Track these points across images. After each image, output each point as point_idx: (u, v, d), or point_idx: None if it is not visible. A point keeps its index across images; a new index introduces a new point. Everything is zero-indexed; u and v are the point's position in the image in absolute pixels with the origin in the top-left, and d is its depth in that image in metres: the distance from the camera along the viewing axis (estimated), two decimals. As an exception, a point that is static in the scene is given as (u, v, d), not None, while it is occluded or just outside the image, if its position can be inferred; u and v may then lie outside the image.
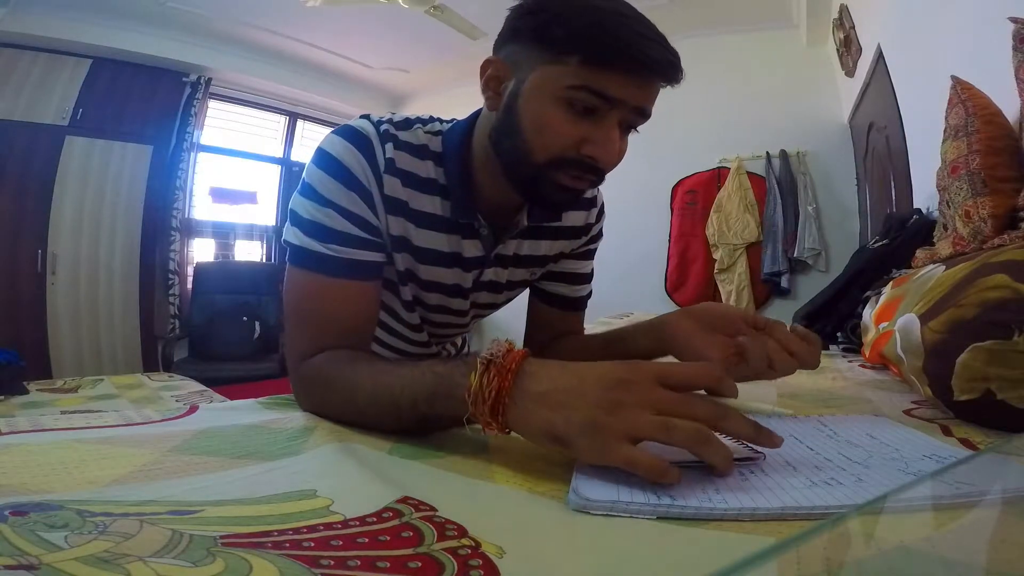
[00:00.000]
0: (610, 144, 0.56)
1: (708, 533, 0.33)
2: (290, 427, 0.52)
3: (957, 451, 0.46)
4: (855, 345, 1.06)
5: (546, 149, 0.57)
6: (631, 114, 0.56)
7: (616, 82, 0.53)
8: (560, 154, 0.57)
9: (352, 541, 0.30)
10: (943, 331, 0.55)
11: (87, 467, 0.39)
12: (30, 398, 2.09)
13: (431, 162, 0.65)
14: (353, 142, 0.61)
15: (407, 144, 0.64)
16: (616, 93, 0.54)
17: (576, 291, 0.84)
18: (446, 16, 2.98)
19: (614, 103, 0.54)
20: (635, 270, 3.79)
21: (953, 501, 0.30)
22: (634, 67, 0.53)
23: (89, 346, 3.46)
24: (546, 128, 0.56)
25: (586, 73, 0.53)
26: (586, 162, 0.57)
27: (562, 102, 0.55)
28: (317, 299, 0.60)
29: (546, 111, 0.55)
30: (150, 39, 3.45)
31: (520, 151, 0.58)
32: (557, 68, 0.54)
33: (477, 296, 0.76)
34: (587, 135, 0.56)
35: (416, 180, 0.64)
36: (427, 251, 0.67)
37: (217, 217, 4.26)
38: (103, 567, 0.25)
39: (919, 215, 1.51)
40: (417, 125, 0.66)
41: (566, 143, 0.56)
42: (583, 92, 0.53)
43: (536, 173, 0.58)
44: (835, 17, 2.79)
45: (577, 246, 0.81)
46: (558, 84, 0.54)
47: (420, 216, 0.65)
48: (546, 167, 0.57)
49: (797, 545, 0.21)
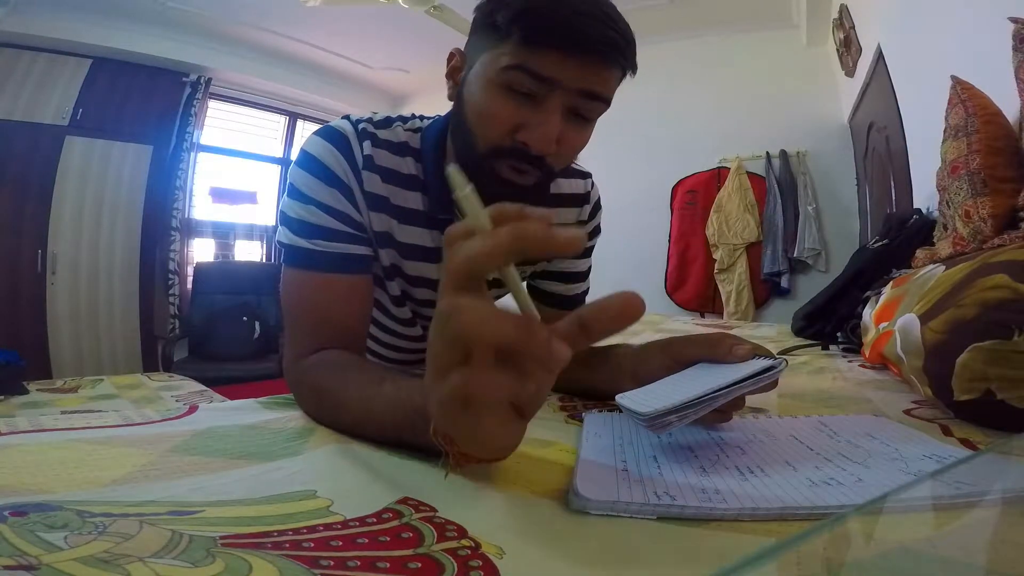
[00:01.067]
0: (544, 128, 0.53)
1: (708, 533, 0.33)
2: (290, 427, 0.52)
3: (957, 451, 0.46)
4: (855, 345, 1.06)
5: (485, 137, 0.55)
6: (577, 98, 0.54)
7: (552, 61, 0.51)
8: (497, 142, 0.55)
9: (352, 542, 0.30)
10: (943, 331, 0.55)
11: (87, 467, 0.39)
12: (30, 398, 2.09)
13: (411, 159, 0.66)
14: (331, 141, 0.62)
15: (386, 142, 0.64)
16: (552, 73, 0.52)
17: (571, 289, 0.83)
18: (446, 16, 2.98)
19: (552, 85, 0.52)
20: (635, 270, 3.79)
21: (953, 501, 0.30)
22: (568, 45, 0.51)
23: (89, 346, 3.46)
24: (484, 113, 0.55)
25: (522, 54, 0.51)
26: (521, 150, 0.54)
27: (501, 86, 0.53)
28: (307, 295, 0.60)
29: (485, 96, 0.55)
30: (150, 39, 3.45)
31: (468, 141, 0.58)
32: (496, 51, 0.53)
33: None
34: (524, 120, 0.54)
35: (397, 176, 0.65)
36: (410, 247, 0.68)
37: (217, 217, 4.26)
38: (103, 567, 0.25)
39: (919, 215, 1.51)
40: (397, 123, 0.66)
41: (502, 129, 0.54)
42: (518, 72, 0.52)
43: (479, 164, 0.56)
44: (835, 17, 2.79)
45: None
46: (495, 67, 0.53)
47: (402, 212, 0.66)
48: (486, 157, 0.56)
49: (797, 545, 0.21)
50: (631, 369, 0.60)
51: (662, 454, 0.44)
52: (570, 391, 0.71)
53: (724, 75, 3.61)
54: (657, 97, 3.80)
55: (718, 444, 0.47)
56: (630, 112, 3.93)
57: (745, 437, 0.49)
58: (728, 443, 0.47)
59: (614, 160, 3.94)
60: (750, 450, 0.45)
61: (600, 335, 0.30)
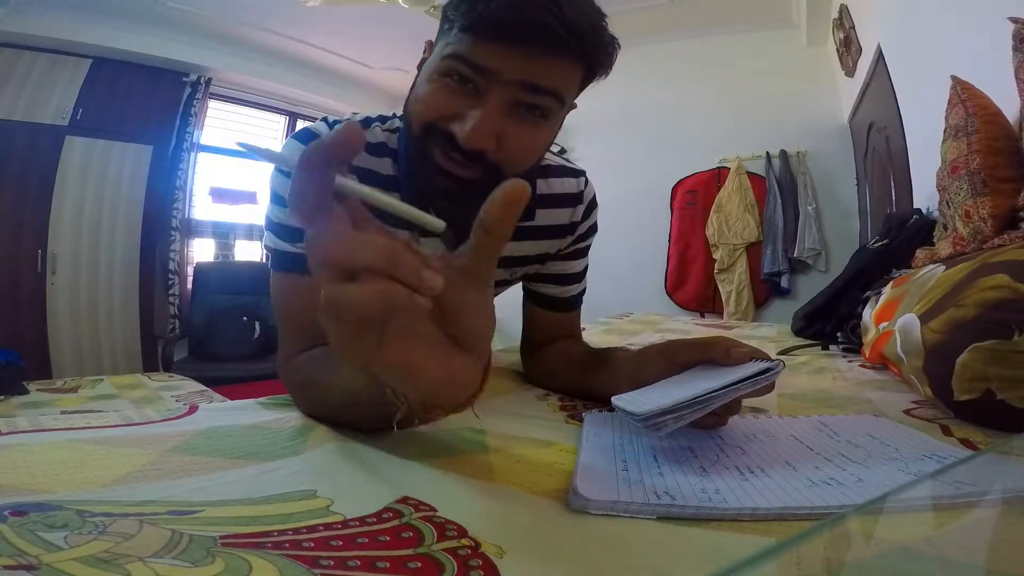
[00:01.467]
0: (477, 122, 0.50)
1: (708, 533, 0.33)
2: (290, 427, 0.52)
3: (957, 451, 0.46)
4: (855, 345, 1.06)
5: (418, 121, 0.54)
6: (520, 91, 0.51)
7: (490, 51, 0.49)
8: (428, 121, 0.53)
9: (352, 541, 0.30)
10: (943, 331, 0.55)
11: (87, 467, 0.39)
12: (30, 398, 2.09)
13: (389, 159, 0.64)
14: (306, 143, 0.61)
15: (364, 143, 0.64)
16: (489, 63, 0.50)
17: (566, 291, 0.81)
18: (446, 16, 2.98)
19: (490, 75, 0.50)
20: (635, 270, 3.79)
21: (953, 501, 0.30)
22: (504, 34, 0.48)
23: (89, 346, 3.46)
24: (419, 99, 0.54)
25: (462, 43, 0.50)
26: (450, 135, 0.52)
27: (440, 74, 0.53)
28: (292, 297, 0.60)
29: (425, 83, 0.54)
30: (150, 39, 3.44)
31: (407, 131, 0.57)
32: (443, 41, 0.53)
33: None
34: (459, 111, 0.51)
35: (374, 178, 0.64)
36: None
37: (217, 217, 4.25)
38: (103, 567, 0.25)
39: (919, 215, 1.51)
40: (376, 123, 0.65)
41: (433, 115, 0.53)
42: (455, 61, 0.51)
43: (416, 151, 0.55)
44: (835, 17, 2.79)
45: (564, 246, 0.78)
46: (438, 55, 0.53)
47: (380, 215, 0.65)
48: (419, 140, 0.54)
49: (797, 545, 0.21)
50: (629, 372, 0.59)
51: (662, 454, 0.44)
52: (569, 392, 0.71)
53: (724, 75, 3.61)
54: (657, 97, 3.81)
55: (718, 444, 0.47)
56: (630, 112, 3.95)
57: (745, 437, 0.49)
58: (728, 443, 0.47)
59: (614, 160, 3.94)
60: (750, 450, 0.45)
61: (499, 229, 0.30)
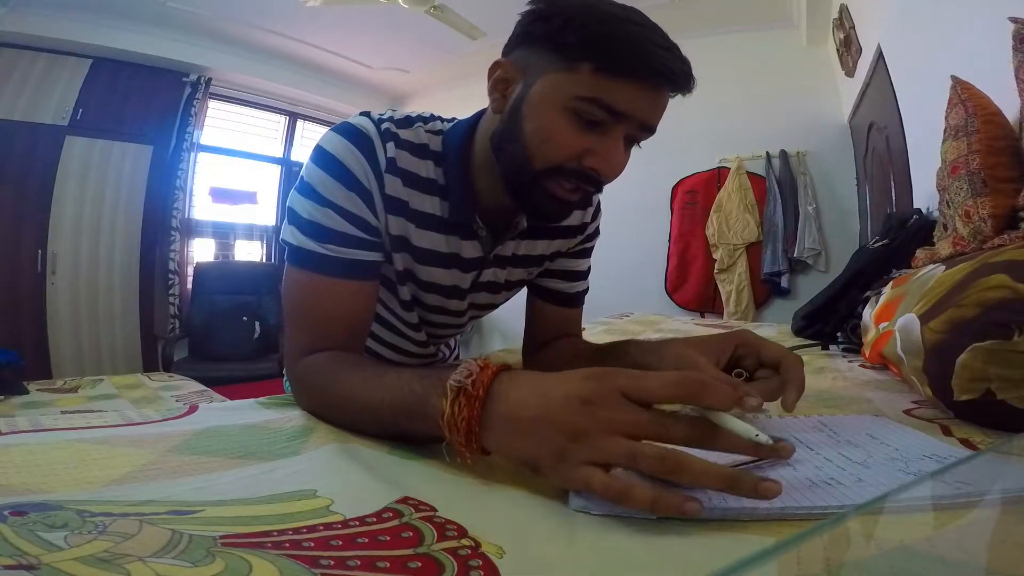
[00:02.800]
0: (614, 157, 0.55)
1: (708, 533, 0.33)
2: (290, 427, 0.52)
3: (957, 451, 0.46)
4: (855, 345, 1.06)
5: (546, 158, 0.56)
6: (637, 129, 0.55)
7: (628, 94, 0.52)
8: (560, 164, 0.56)
9: (352, 541, 0.30)
10: (943, 331, 0.55)
11: (87, 467, 0.39)
12: (30, 398, 2.09)
13: (431, 162, 0.65)
14: (354, 141, 0.60)
15: (408, 143, 0.63)
16: (626, 107, 0.53)
17: (573, 287, 0.84)
18: (446, 16, 2.98)
19: (622, 117, 0.53)
20: (635, 270, 3.79)
21: (953, 501, 0.30)
22: (648, 78, 0.52)
23: (89, 346, 3.46)
24: (550, 138, 0.55)
25: (598, 83, 0.52)
26: (587, 173, 0.56)
27: (570, 112, 0.54)
28: (314, 298, 0.60)
29: (552, 120, 0.55)
30: (150, 39, 3.45)
31: (520, 157, 0.57)
32: (568, 76, 0.53)
33: (476, 297, 0.76)
34: (591, 147, 0.55)
35: (416, 180, 0.64)
36: (426, 251, 0.67)
37: (217, 217, 4.26)
38: (103, 567, 0.25)
39: (919, 215, 1.50)
40: (419, 123, 0.65)
41: (569, 154, 0.55)
42: (592, 105, 0.52)
43: (532, 181, 0.57)
44: (835, 17, 2.79)
45: (573, 244, 0.81)
46: (567, 93, 0.53)
47: (420, 216, 0.65)
48: (542, 175, 0.57)
49: (797, 545, 0.21)
50: (636, 358, 0.63)
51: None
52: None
53: (724, 75, 3.61)
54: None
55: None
56: (630, 112, 3.95)
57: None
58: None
59: (614, 160, 3.94)
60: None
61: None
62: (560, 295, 0.83)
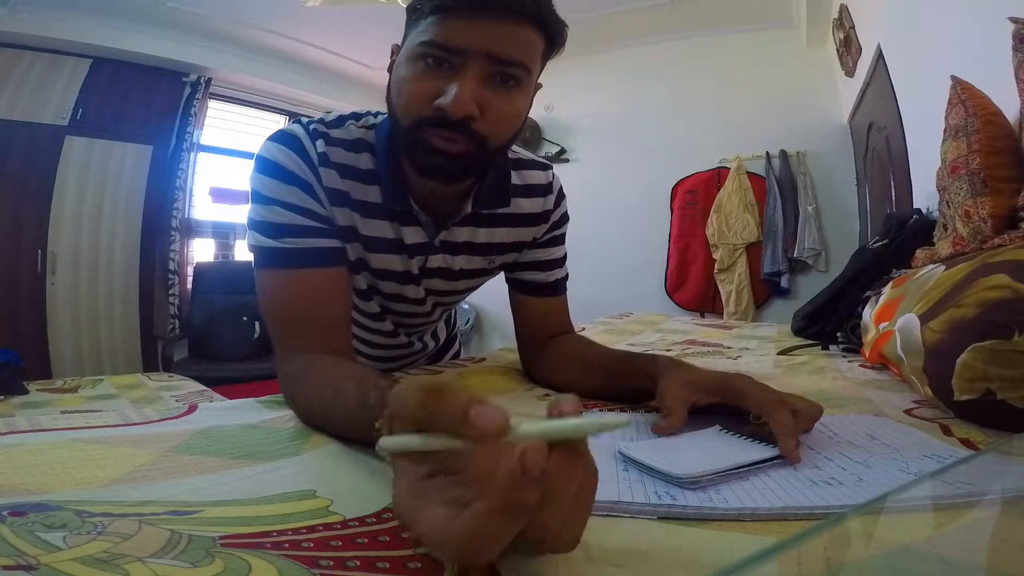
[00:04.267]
0: (457, 92, 0.54)
1: (708, 533, 0.33)
2: (290, 427, 0.52)
3: (957, 451, 0.46)
4: (855, 345, 1.06)
5: (407, 110, 0.58)
6: (492, 64, 0.55)
7: (460, 30, 0.54)
8: (418, 112, 0.57)
9: (351, 541, 0.30)
10: (943, 331, 0.55)
11: (86, 467, 0.39)
12: (30, 398, 2.09)
13: (367, 154, 0.67)
14: (283, 143, 0.63)
15: (340, 140, 0.66)
16: (460, 42, 0.54)
17: (550, 276, 0.83)
18: (446, 16, 2.98)
19: (463, 54, 0.54)
20: (635, 270, 3.79)
21: (953, 501, 0.30)
22: (467, 11, 0.53)
23: (89, 346, 3.46)
24: (404, 88, 0.57)
25: (435, 28, 0.54)
26: (441, 116, 0.56)
27: (416, 60, 0.56)
28: (283, 294, 0.61)
29: (404, 73, 0.57)
30: (150, 39, 3.44)
31: (394, 118, 0.60)
32: (415, 31, 0.56)
33: (430, 283, 0.76)
34: (440, 89, 0.55)
35: (354, 172, 0.66)
36: (373, 239, 0.69)
37: (217, 217, 4.25)
38: (102, 567, 0.24)
39: (919, 215, 1.50)
40: (350, 121, 0.68)
41: (420, 100, 0.56)
42: (427, 47, 0.55)
43: (407, 138, 0.59)
44: (835, 17, 2.79)
45: (540, 234, 0.80)
46: (412, 44, 0.56)
47: (363, 205, 0.67)
48: (413, 129, 0.58)
49: (797, 545, 0.21)
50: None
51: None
52: (581, 392, 0.68)
53: (724, 75, 3.61)
54: (657, 97, 3.80)
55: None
56: (630, 112, 3.95)
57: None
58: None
59: (614, 160, 3.94)
60: None
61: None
62: (539, 285, 0.83)
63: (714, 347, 1.23)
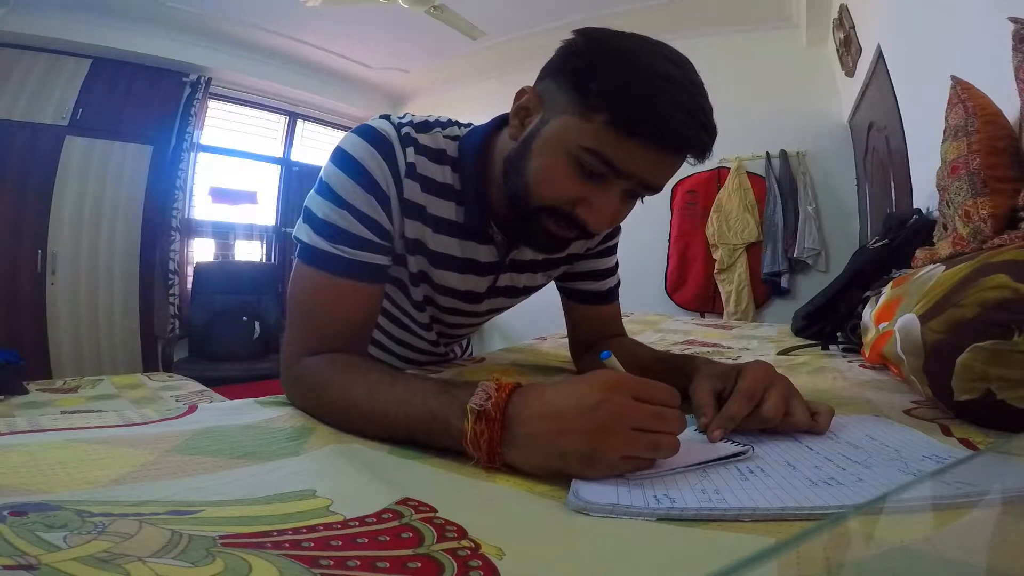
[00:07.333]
0: (604, 212, 0.56)
1: (708, 533, 0.33)
2: (290, 427, 0.52)
3: (957, 451, 0.46)
4: (855, 345, 1.06)
5: (542, 198, 0.57)
6: (638, 186, 0.55)
7: (632, 153, 0.52)
8: (552, 204, 0.57)
9: (352, 541, 0.30)
10: (943, 331, 0.55)
11: (86, 467, 0.39)
12: (30, 398, 2.08)
13: (448, 167, 0.66)
14: (375, 145, 0.61)
15: (426, 148, 0.64)
16: (627, 166, 0.52)
17: (604, 285, 0.85)
18: (446, 16, 2.98)
19: (622, 174, 0.53)
20: (635, 270, 3.77)
21: (953, 501, 0.30)
22: (657, 142, 0.51)
23: (89, 346, 3.46)
24: (549, 180, 0.56)
25: (606, 137, 0.51)
26: (575, 220, 0.57)
27: (572, 159, 0.54)
28: (319, 296, 0.60)
29: (555, 163, 0.55)
30: (150, 39, 3.45)
31: (522, 190, 0.59)
32: (580, 123, 0.52)
33: (493, 302, 0.77)
34: (586, 196, 0.56)
35: (434, 185, 0.65)
36: (441, 255, 0.68)
37: (217, 217, 4.25)
38: (102, 567, 0.24)
39: (919, 215, 1.50)
40: (436, 128, 0.66)
41: (563, 199, 0.56)
42: (595, 158, 0.52)
43: (528, 215, 0.59)
44: (835, 17, 2.79)
45: (592, 246, 0.82)
46: (574, 141, 0.53)
47: (437, 221, 0.66)
48: (538, 212, 0.58)
49: (797, 545, 0.21)
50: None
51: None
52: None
53: (724, 75, 3.59)
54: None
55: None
56: (630, 112, 3.95)
57: (745, 437, 0.49)
58: (719, 444, 0.47)
59: (614, 160, 3.94)
60: (750, 450, 0.45)
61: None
62: (591, 294, 0.85)
63: (714, 347, 1.23)
